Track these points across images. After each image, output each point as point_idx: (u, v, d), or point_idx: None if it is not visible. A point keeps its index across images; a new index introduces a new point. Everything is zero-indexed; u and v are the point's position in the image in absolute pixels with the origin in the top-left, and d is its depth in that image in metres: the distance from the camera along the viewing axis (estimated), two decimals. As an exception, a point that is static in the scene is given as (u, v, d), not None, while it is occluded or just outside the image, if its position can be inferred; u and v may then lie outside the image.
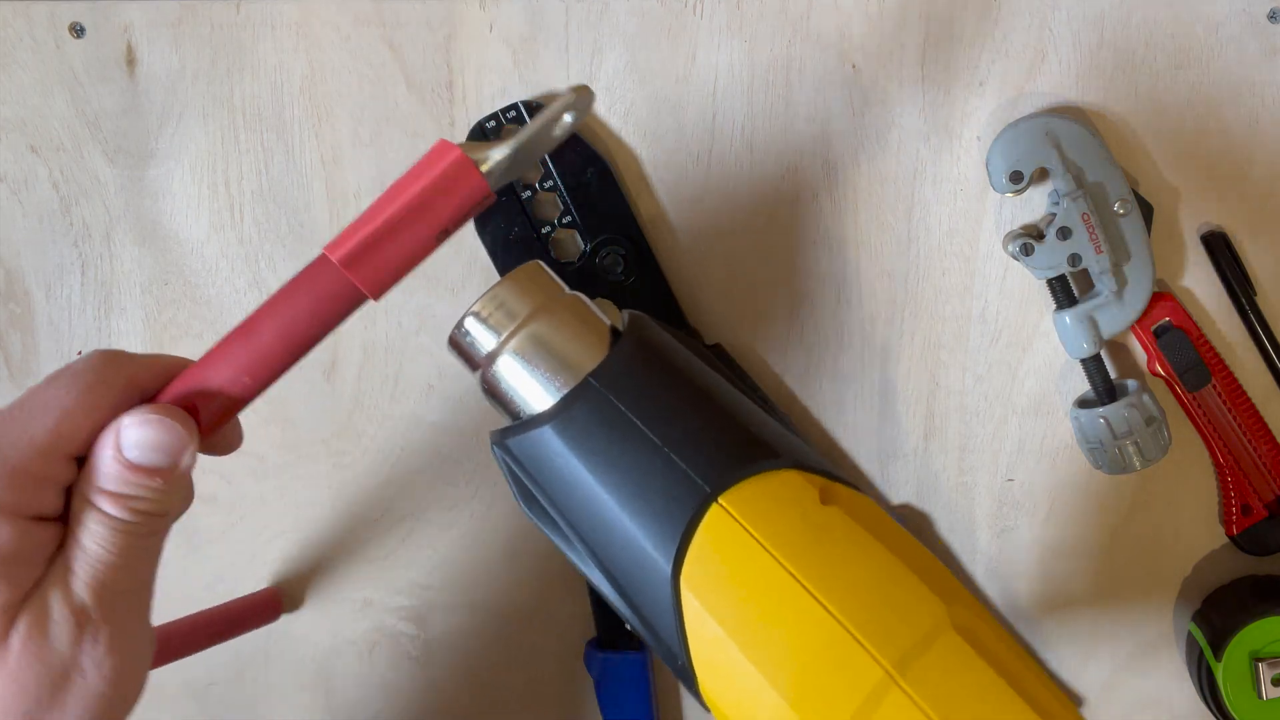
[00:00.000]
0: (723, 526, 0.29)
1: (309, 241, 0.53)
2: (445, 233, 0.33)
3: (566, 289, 0.33)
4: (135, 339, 0.55)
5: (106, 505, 0.32)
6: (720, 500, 0.29)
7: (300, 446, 0.56)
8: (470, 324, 0.32)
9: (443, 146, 0.32)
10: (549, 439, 0.30)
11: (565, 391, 0.30)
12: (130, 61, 0.52)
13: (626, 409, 0.30)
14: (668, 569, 0.29)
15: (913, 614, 0.28)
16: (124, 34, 0.51)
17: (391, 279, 0.33)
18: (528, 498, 0.32)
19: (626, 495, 0.30)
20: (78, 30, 0.51)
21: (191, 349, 0.54)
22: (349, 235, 0.32)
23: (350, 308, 0.33)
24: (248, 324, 0.33)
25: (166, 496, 0.32)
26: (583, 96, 0.33)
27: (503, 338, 0.32)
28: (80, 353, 0.55)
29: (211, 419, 0.33)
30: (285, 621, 0.58)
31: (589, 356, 0.31)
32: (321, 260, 0.33)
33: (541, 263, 0.34)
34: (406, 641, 0.59)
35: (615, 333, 0.33)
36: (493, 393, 0.32)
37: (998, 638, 0.30)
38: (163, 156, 0.53)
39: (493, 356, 0.32)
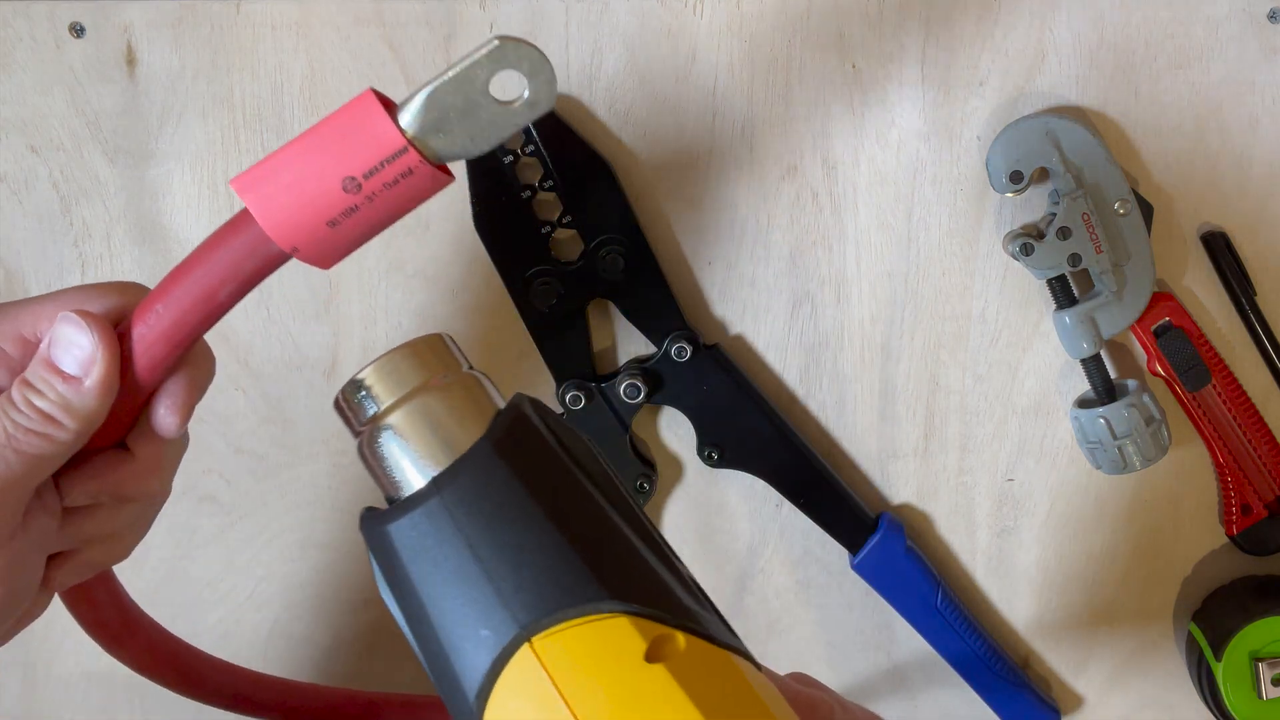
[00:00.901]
0: (529, 671, 0.26)
1: (309, 241, 0.53)
2: (355, 184, 0.30)
3: (466, 365, 0.31)
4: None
5: (14, 390, 0.32)
6: (533, 641, 0.26)
7: (300, 446, 0.56)
8: (350, 390, 0.30)
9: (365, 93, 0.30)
10: (385, 536, 0.28)
11: (420, 486, 0.28)
12: (130, 61, 0.52)
13: (459, 524, 0.28)
14: (472, 705, 0.27)
15: None
16: (124, 34, 0.51)
17: (288, 216, 0.30)
18: (384, 589, 0.30)
19: (448, 617, 0.28)
20: (78, 30, 0.51)
21: (191, 349, 0.55)
22: (260, 175, 0.30)
23: (253, 240, 0.31)
24: (178, 267, 0.33)
25: (65, 408, 0.32)
26: (512, 49, 0.30)
27: (380, 410, 0.30)
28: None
29: (144, 354, 0.33)
30: (285, 621, 0.59)
31: (456, 448, 0.28)
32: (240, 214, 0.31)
33: (446, 335, 0.31)
34: (406, 641, 0.59)
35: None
36: (366, 466, 0.30)
37: None
38: (163, 156, 0.53)
39: (369, 428, 0.30)
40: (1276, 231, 0.52)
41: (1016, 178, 0.49)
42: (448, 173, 0.32)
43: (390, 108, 0.31)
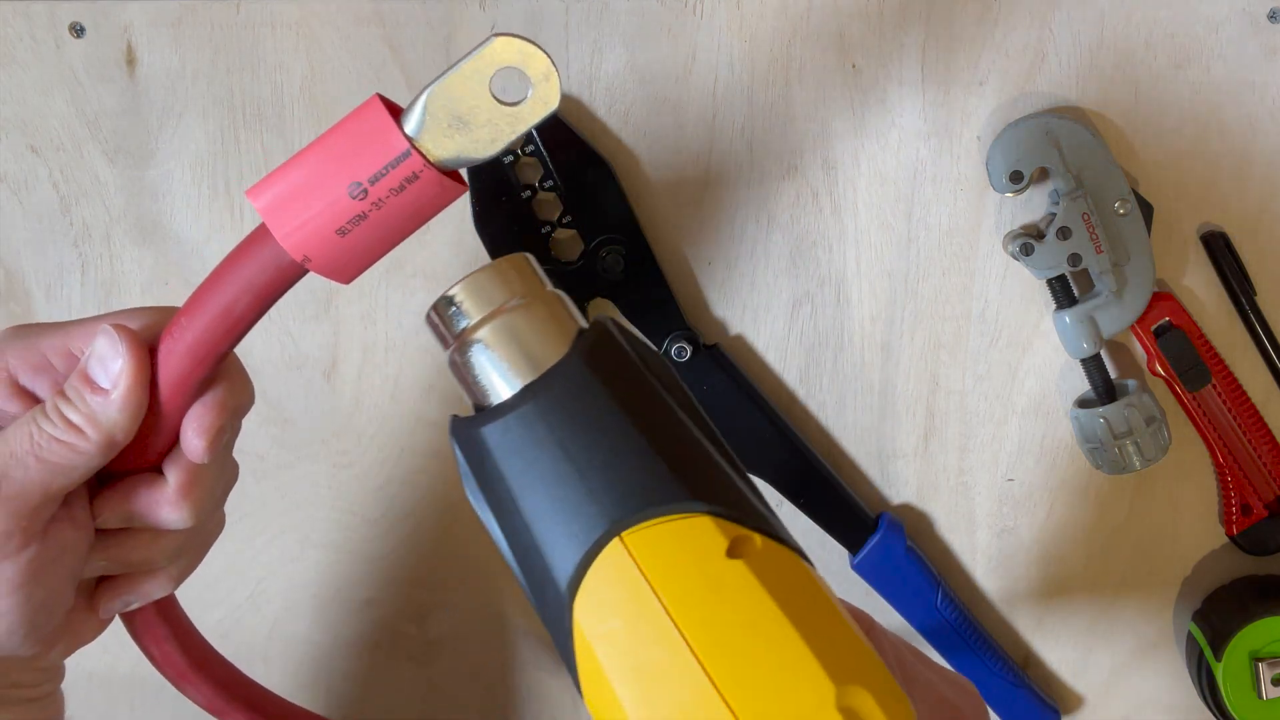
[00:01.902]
0: (620, 563, 0.29)
1: (309, 241, 0.53)
2: (362, 190, 0.30)
3: (549, 285, 0.33)
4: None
5: (48, 400, 0.33)
6: (623, 536, 0.29)
7: (300, 446, 0.56)
8: (443, 305, 0.32)
9: (372, 106, 0.30)
10: (479, 438, 0.30)
11: (508, 396, 0.31)
12: (130, 61, 0.52)
13: (552, 426, 0.30)
14: (564, 592, 0.29)
15: (794, 691, 0.27)
16: (124, 34, 0.51)
17: (298, 225, 0.31)
18: (472, 488, 0.32)
19: (540, 513, 0.30)
20: (78, 30, 0.51)
21: (191, 349, 0.55)
22: (278, 189, 0.31)
23: (267, 252, 0.32)
24: (202, 283, 0.33)
25: (91, 419, 0.33)
26: (509, 45, 0.30)
27: (471, 324, 0.32)
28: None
29: (169, 369, 0.34)
30: (285, 621, 0.59)
31: (542, 361, 0.31)
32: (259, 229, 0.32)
33: (529, 255, 0.33)
34: (407, 641, 0.59)
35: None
36: (457, 376, 0.32)
37: None
38: (163, 156, 0.53)
39: (460, 341, 0.32)
40: (1276, 231, 0.52)
41: (1016, 178, 0.49)
42: (459, 180, 0.32)
43: (396, 113, 0.31)
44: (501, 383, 0.31)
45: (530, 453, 0.30)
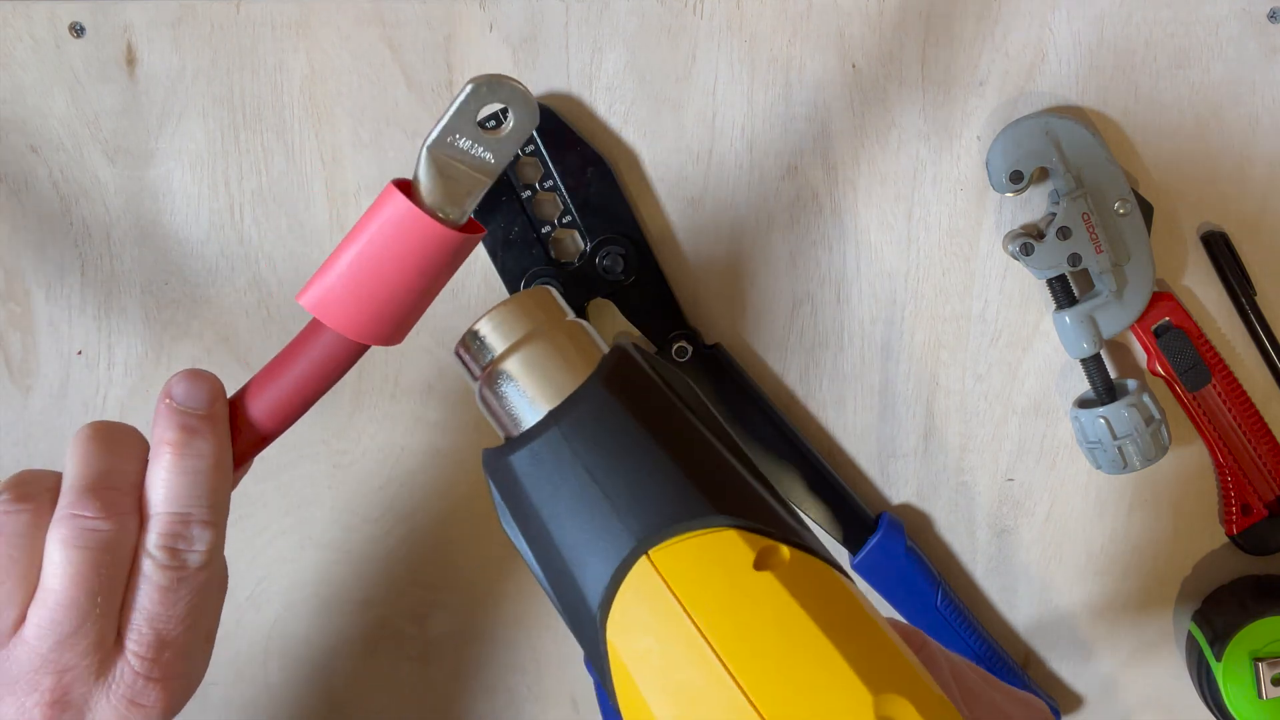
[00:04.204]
0: (649, 581, 0.29)
1: (309, 242, 0.53)
2: (368, 236, 0.35)
3: (570, 314, 0.34)
4: (135, 339, 0.55)
5: (164, 436, 0.37)
6: (650, 554, 0.29)
7: (300, 446, 0.56)
8: (469, 339, 0.33)
9: (392, 198, 0.34)
10: (508, 466, 0.31)
11: (534, 424, 0.31)
12: (130, 61, 0.52)
13: (576, 449, 0.30)
14: (597, 612, 0.30)
15: (830, 701, 0.27)
16: (124, 34, 0.51)
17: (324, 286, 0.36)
18: (505, 516, 0.32)
19: (569, 536, 0.30)
20: (78, 30, 0.51)
21: (191, 349, 0.55)
22: (317, 278, 0.36)
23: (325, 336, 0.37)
24: (269, 366, 0.38)
25: (201, 433, 0.37)
26: (496, 84, 0.34)
27: (495, 357, 0.33)
28: (80, 353, 0.55)
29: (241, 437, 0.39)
30: (285, 621, 0.59)
31: (565, 387, 0.31)
32: (312, 323, 0.37)
33: (549, 288, 0.35)
34: (406, 641, 0.59)
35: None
36: (486, 409, 0.33)
37: None
38: (163, 156, 0.53)
39: (486, 373, 0.33)
40: (1276, 231, 0.52)
41: (1016, 178, 0.49)
42: (448, 225, 0.35)
43: (404, 186, 0.35)
44: (527, 411, 0.32)
45: (556, 477, 0.30)
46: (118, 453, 0.38)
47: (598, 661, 0.30)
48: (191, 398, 0.38)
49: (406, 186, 0.35)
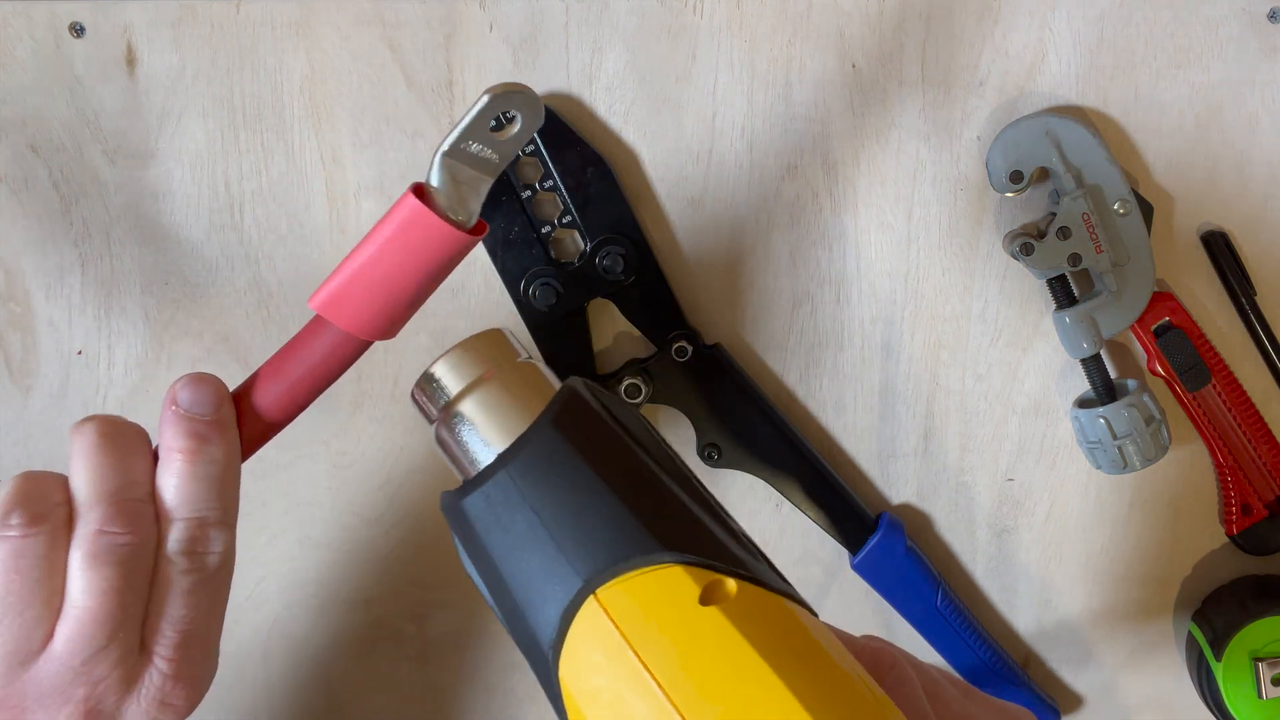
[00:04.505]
0: (596, 620, 0.29)
1: (309, 242, 0.53)
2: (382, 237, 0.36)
3: (523, 355, 0.34)
4: (135, 339, 0.55)
5: (174, 443, 0.37)
6: (597, 594, 0.29)
7: (300, 446, 0.56)
8: (424, 382, 0.34)
9: (411, 204, 0.35)
10: (461, 510, 0.31)
11: (486, 465, 0.32)
12: (130, 61, 0.52)
13: (523, 491, 0.31)
14: (549, 653, 0.30)
15: None
16: (124, 34, 0.51)
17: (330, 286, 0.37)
18: (464, 558, 0.33)
19: (521, 577, 0.30)
20: (78, 30, 0.51)
21: (191, 349, 0.55)
22: (327, 283, 0.37)
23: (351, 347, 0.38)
24: (261, 368, 0.39)
25: (210, 439, 0.38)
26: (511, 94, 0.35)
27: (450, 399, 0.33)
28: (80, 353, 0.55)
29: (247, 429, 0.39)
30: (285, 621, 0.59)
31: (515, 428, 0.32)
32: (316, 319, 0.37)
33: (503, 328, 0.35)
34: (406, 641, 0.59)
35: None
36: (444, 452, 0.34)
37: None
38: (163, 156, 0.53)
39: (442, 416, 0.33)
40: (1276, 231, 0.52)
41: (1016, 178, 0.49)
42: (446, 221, 0.35)
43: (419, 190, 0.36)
44: (481, 452, 0.32)
45: (507, 519, 0.31)
46: (130, 458, 0.38)
47: (554, 701, 0.30)
48: (198, 404, 0.38)
49: (420, 191, 0.35)
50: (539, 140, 0.50)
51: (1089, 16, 0.50)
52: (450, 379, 0.33)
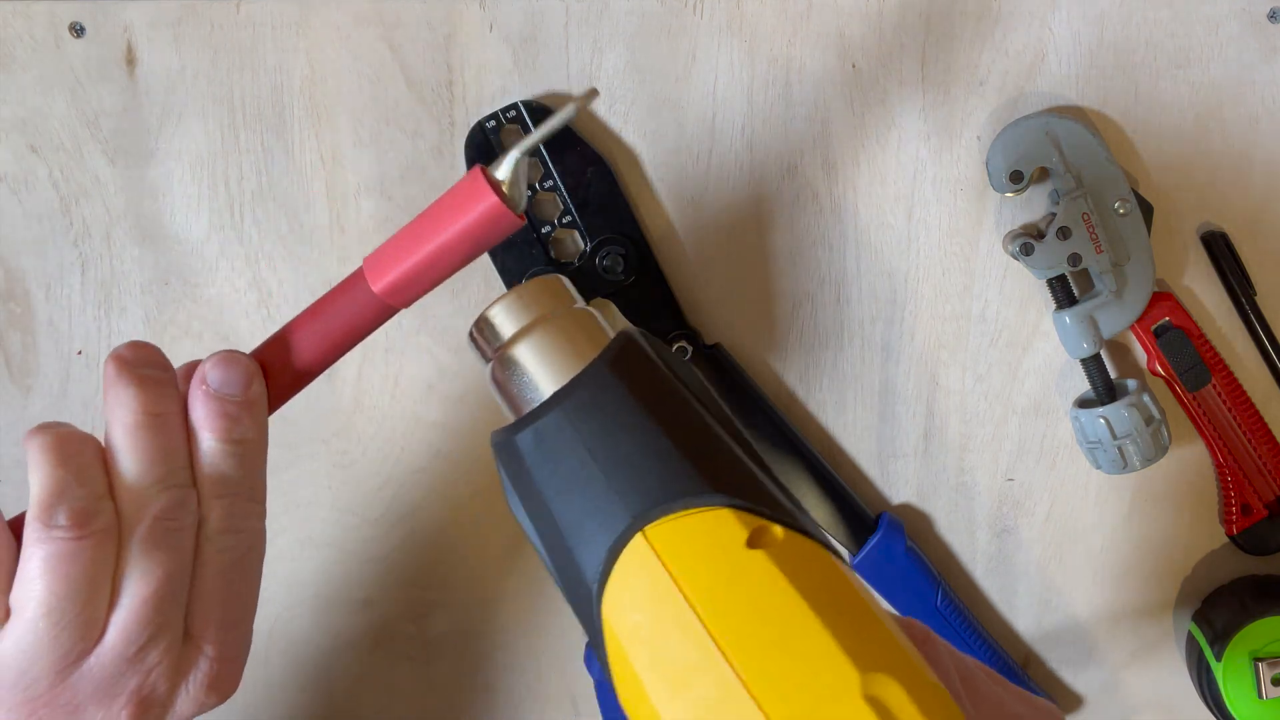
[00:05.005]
0: (644, 558, 0.29)
1: (309, 241, 0.53)
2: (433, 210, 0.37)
3: (580, 302, 0.35)
4: (135, 339, 0.55)
5: (207, 423, 0.37)
6: (646, 531, 0.30)
7: (300, 446, 0.56)
8: (483, 323, 0.34)
9: (478, 187, 0.36)
10: (513, 446, 0.32)
11: (539, 404, 0.32)
12: (130, 61, 0.52)
13: (578, 428, 0.31)
14: (593, 588, 0.30)
15: (818, 678, 0.27)
16: (124, 34, 0.51)
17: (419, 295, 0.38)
18: (511, 496, 0.33)
19: (570, 513, 0.31)
20: (78, 30, 0.51)
21: (191, 349, 0.54)
22: (389, 262, 0.37)
23: (384, 318, 0.39)
24: (293, 324, 0.39)
25: (241, 419, 0.38)
26: (589, 98, 0.36)
27: (505, 340, 0.34)
28: (80, 353, 0.55)
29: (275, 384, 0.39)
30: (285, 621, 0.59)
31: (570, 370, 0.32)
32: (359, 278, 0.37)
33: (560, 276, 0.36)
34: (406, 641, 0.59)
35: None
36: (498, 389, 0.34)
37: (923, 710, 0.29)
38: (163, 156, 0.53)
39: (498, 355, 0.34)
40: (1276, 231, 0.52)
41: (1016, 178, 0.49)
42: (498, 197, 0.36)
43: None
44: (533, 392, 0.33)
45: (558, 456, 0.31)
46: (174, 440, 0.37)
47: (594, 638, 0.31)
48: (229, 384, 0.38)
49: (483, 173, 0.36)
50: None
51: (1089, 17, 0.50)
52: (507, 320, 0.34)
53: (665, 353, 0.33)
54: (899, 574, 0.54)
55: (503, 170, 0.36)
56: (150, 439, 0.36)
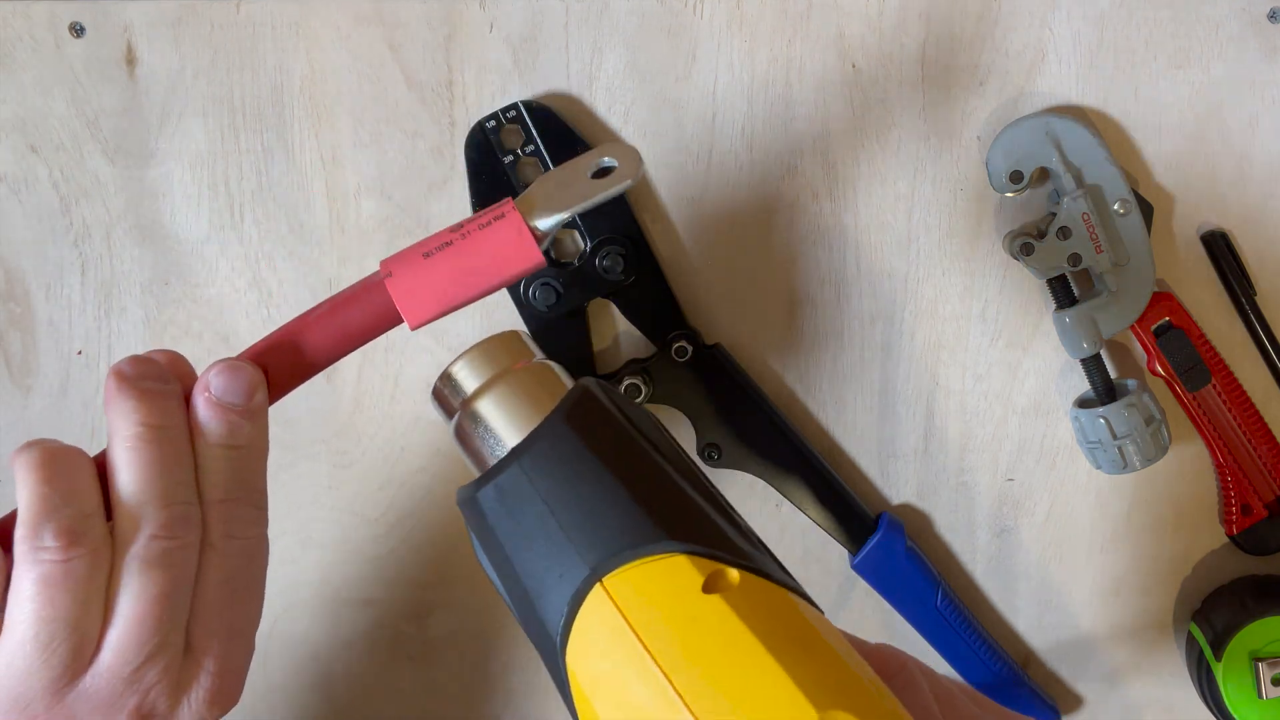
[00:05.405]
0: (603, 608, 0.30)
1: (309, 241, 0.53)
2: (460, 228, 0.37)
3: (539, 355, 0.36)
4: (135, 339, 0.55)
5: (210, 431, 0.37)
6: (604, 581, 0.30)
7: (300, 446, 0.56)
8: (444, 380, 0.35)
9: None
10: (476, 503, 0.32)
11: (499, 459, 0.33)
12: (130, 61, 0.52)
13: (535, 482, 0.32)
14: (556, 640, 0.31)
15: (775, 718, 0.28)
16: (124, 34, 0.51)
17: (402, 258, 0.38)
18: (479, 550, 0.34)
19: (532, 566, 0.31)
20: (78, 30, 0.51)
21: (191, 349, 0.54)
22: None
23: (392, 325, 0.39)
24: (303, 318, 0.39)
25: (244, 427, 0.38)
26: (615, 150, 0.38)
27: (467, 397, 0.34)
28: (80, 353, 0.55)
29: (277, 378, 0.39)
30: (285, 621, 0.59)
31: (529, 424, 0.33)
32: (379, 288, 0.37)
33: (519, 330, 0.36)
34: (406, 641, 0.59)
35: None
36: (462, 446, 0.35)
37: None
38: (163, 156, 0.53)
39: (461, 410, 0.34)
40: (1276, 231, 0.52)
41: (1016, 178, 0.49)
42: (534, 245, 0.37)
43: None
44: (496, 447, 0.33)
45: (519, 510, 0.32)
46: (177, 456, 0.36)
47: (561, 687, 0.31)
48: (231, 392, 0.37)
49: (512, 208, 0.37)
50: (539, 140, 0.50)
51: (1089, 16, 0.50)
52: (468, 377, 0.35)
53: (621, 401, 0.34)
54: (899, 574, 0.54)
55: (545, 223, 0.37)
56: (150, 452, 0.35)
